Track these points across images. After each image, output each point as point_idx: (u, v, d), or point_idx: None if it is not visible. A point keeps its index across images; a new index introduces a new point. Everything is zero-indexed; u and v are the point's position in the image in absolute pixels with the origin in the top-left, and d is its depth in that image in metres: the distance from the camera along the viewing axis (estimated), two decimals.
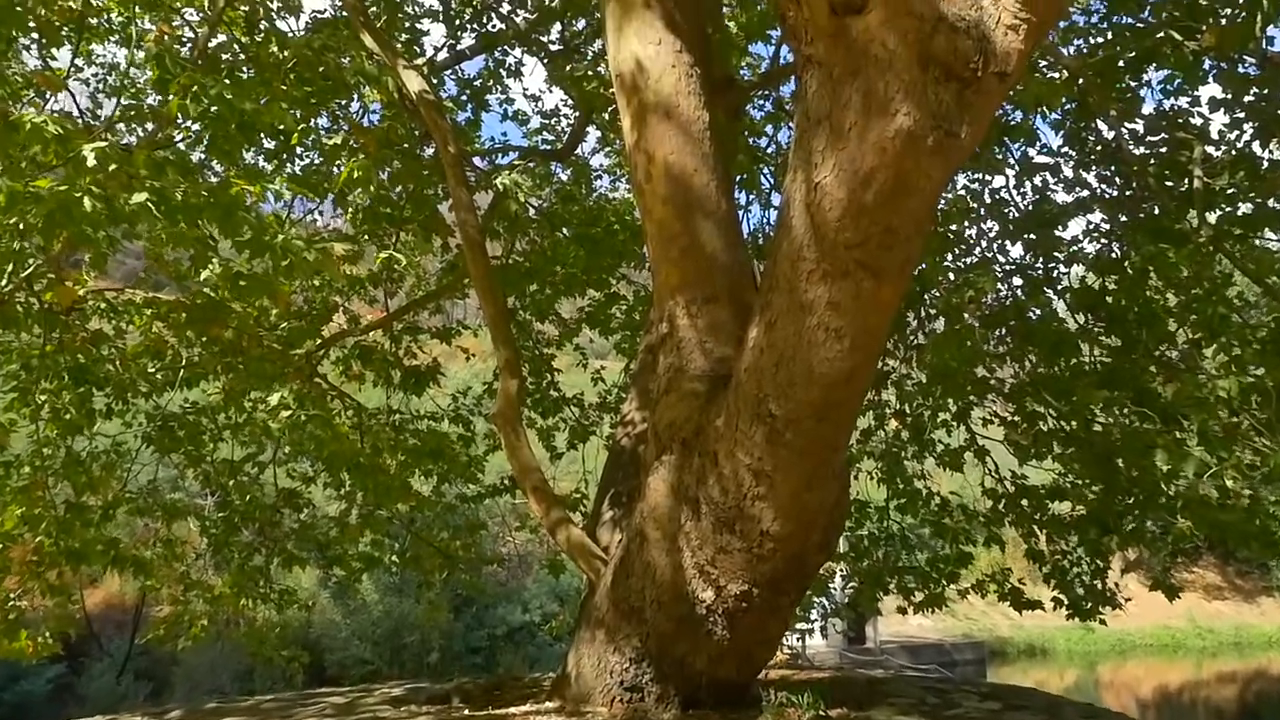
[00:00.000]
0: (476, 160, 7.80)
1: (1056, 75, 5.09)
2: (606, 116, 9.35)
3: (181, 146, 6.01)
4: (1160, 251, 5.87)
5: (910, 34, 2.13)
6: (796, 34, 2.27)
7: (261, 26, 5.14)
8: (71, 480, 5.84)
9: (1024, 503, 7.14)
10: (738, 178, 6.88)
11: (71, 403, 5.88)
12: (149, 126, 5.77)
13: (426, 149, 6.87)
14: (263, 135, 5.86)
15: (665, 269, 3.27)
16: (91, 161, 3.34)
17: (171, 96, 4.02)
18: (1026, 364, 6.62)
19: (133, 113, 5.26)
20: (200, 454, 7.53)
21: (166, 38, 4.11)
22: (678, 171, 3.23)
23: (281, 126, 5.06)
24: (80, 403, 6.13)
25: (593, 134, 9.90)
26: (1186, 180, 5.63)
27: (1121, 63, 5.67)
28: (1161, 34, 5.24)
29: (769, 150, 8.60)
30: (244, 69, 4.87)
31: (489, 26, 7.10)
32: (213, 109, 4.53)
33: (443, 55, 7.94)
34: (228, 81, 4.14)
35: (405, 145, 6.68)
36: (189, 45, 5.24)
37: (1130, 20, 5.63)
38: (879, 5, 2.13)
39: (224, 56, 5.09)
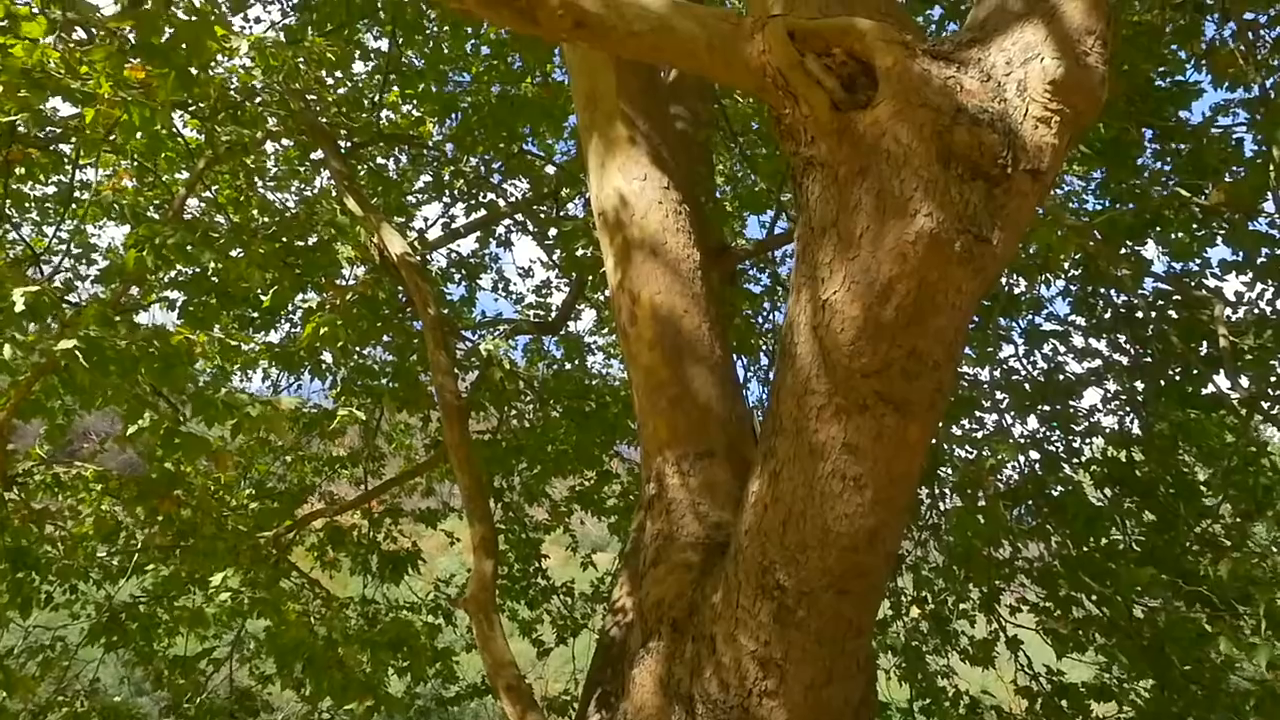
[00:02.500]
0: (467, 334, 7.60)
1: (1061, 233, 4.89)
2: (601, 297, 9.24)
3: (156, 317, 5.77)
4: (1189, 418, 5.49)
5: (926, 127, 1.84)
6: (794, 135, 1.99)
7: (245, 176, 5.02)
8: None
9: (1063, 704, 6.38)
10: (734, 348, 6.62)
11: (3, 589, 5.31)
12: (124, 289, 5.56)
13: (416, 324, 6.67)
14: (241, 303, 5.63)
15: (653, 422, 2.87)
16: (20, 307, 3.03)
17: (133, 247, 3.79)
18: (1054, 543, 6.08)
19: (80, 263, 5.02)
20: (152, 649, 6.83)
21: (129, 184, 3.92)
22: (665, 312, 2.90)
23: (262, 294, 4.83)
24: (15, 589, 5.55)
25: (588, 315, 9.81)
26: (1207, 342, 5.35)
27: (1126, 223, 5.54)
28: (1166, 192, 5.11)
29: (767, 329, 8.44)
30: (221, 232, 4.67)
31: (481, 196, 7.07)
32: (185, 270, 4.30)
33: (435, 232, 7.93)
34: (199, 241, 3.91)
35: (395, 314, 6.48)
36: (166, 197, 5.12)
37: (1133, 185, 5.54)
38: (888, 97, 1.86)
39: (196, 210, 4.94)
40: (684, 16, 1.97)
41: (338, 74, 5.67)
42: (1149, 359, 5.90)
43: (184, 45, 2.80)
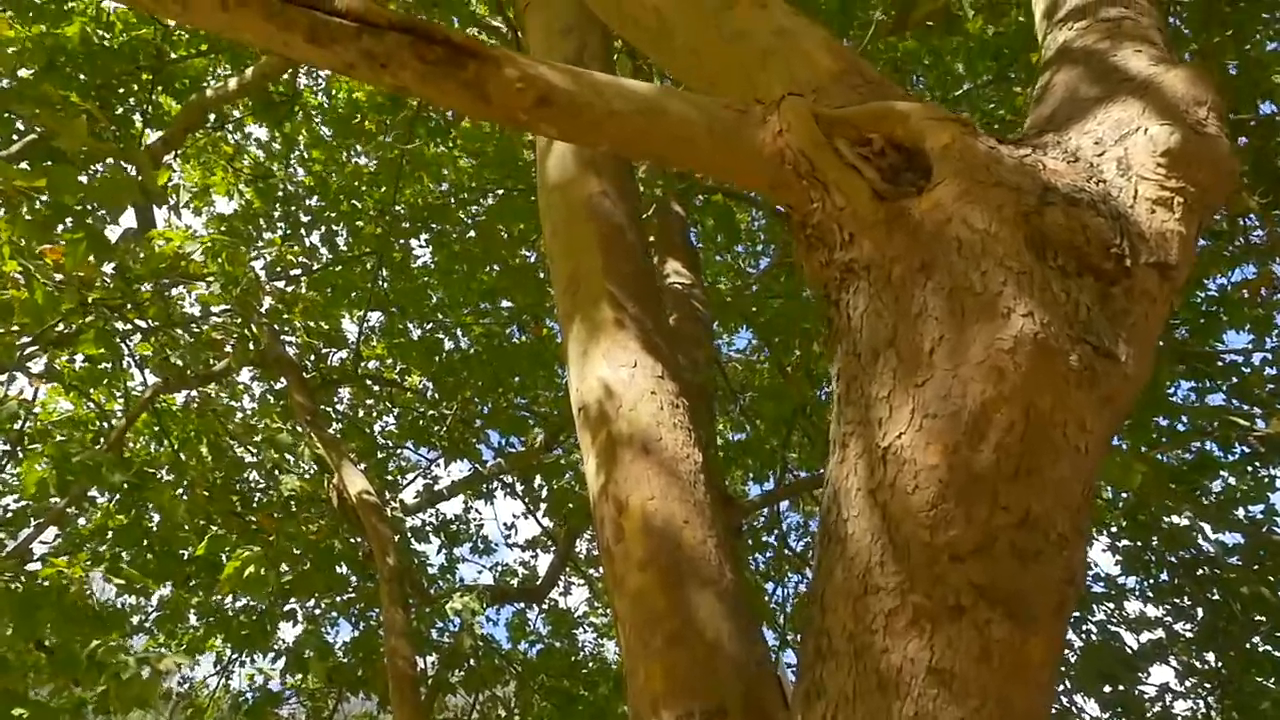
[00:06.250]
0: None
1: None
2: (595, 571, 8.53)
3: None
4: None
5: (1006, 208, 1.36)
6: (825, 237, 1.51)
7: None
8: None
9: None
10: None
11: None
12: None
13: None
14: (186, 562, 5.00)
15: (644, 668, 2.13)
16: None
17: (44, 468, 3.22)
18: None
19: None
20: None
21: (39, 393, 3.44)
22: (661, 523, 2.27)
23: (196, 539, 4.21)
24: None
25: (579, 592, 9.01)
26: None
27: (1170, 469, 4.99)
28: (1211, 428, 4.63)
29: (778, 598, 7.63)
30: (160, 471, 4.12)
31: (464, 443, 6.58)
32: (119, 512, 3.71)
33: (414, 488, 7.37)
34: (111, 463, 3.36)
35: (365, 578, 5.73)
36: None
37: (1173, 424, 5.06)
38: (949, 176, 1.40)
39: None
40: (677, 99, 1.56)
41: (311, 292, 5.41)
42: (1225, 623, 5.09)
43: (97, 205, 2.47)
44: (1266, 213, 4.01)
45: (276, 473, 4.05)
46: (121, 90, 5.25)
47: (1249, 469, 4.97)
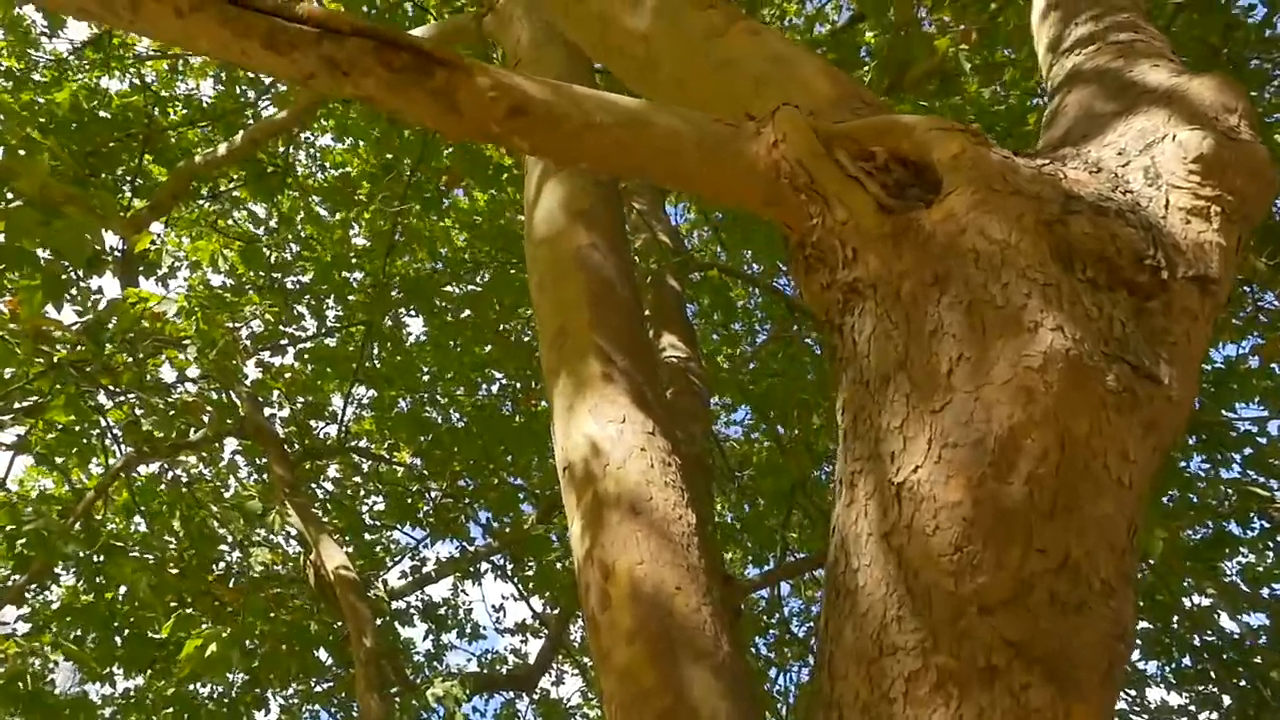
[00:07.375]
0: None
1: None
2: (589, 660, 8.21)
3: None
4: None
5: (1027, 216, 1.23)
6: (825, 256, 1.37)
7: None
8: None
9: None
10: None
11: None
12: None
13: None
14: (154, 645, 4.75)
15: None
16: None
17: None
18: None
19: None
20: None
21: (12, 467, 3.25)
22: (650, 590, 2.08)
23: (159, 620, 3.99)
24: None
25: (572, 682, 8.67)
26: None
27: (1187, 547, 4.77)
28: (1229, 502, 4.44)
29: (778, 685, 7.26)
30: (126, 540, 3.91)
31: (453, 521, 6.34)
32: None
33: (399, 574, 7.09)
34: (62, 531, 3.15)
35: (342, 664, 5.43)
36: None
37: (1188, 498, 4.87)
38: (961, 186, 1.27)
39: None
40: (663, 113, 1.45)
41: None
42: (1254, 710, 4.80)
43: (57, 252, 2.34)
44: (1275, 275, 3.91)
45: (248, 544, 3.83)
46: (112, 159, 5.22)
47: (1269, 545, 4.76)
